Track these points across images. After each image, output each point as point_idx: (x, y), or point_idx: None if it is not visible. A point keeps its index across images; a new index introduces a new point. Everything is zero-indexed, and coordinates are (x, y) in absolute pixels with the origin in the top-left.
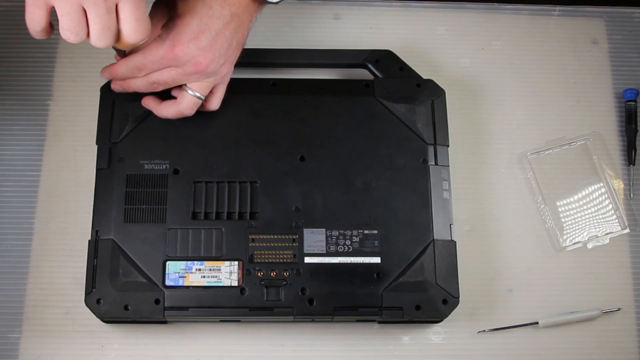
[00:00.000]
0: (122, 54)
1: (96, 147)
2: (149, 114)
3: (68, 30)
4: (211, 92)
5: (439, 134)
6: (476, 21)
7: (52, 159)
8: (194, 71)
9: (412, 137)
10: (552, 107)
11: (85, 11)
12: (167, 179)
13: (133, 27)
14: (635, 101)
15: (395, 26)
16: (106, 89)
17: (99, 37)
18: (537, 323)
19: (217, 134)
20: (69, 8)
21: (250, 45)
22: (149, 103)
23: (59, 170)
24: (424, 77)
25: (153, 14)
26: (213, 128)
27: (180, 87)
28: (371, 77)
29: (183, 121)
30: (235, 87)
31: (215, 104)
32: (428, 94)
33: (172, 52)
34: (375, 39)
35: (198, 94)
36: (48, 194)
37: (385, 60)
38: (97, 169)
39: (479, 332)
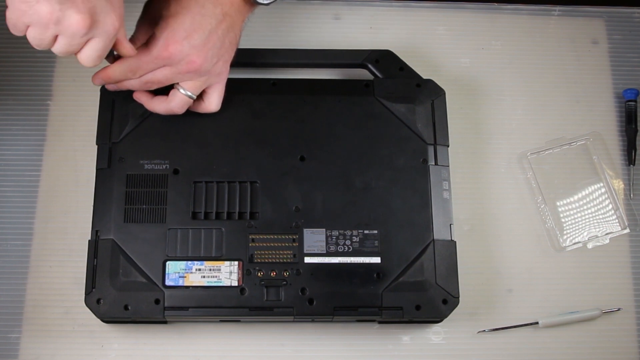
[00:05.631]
0: (111, 53)
1: (96, 147)
2: (149, 114)
3: (35, 45)
4: (210, 92)
5: (439, 134)
6: (476, 21)
7: (52, 159)
8: (187, 70)
9: (412, 137)
10: (552, 107)
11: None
12: (167, 179)
13: (90, 60)
14: (635, 101)
15: (395, 26)
16: (106, 89)
17: (59, 53)
18: (537, 323)
19: (217, 134)
20: (42, 36)
21: (249, 45)
22: (141, 97)
23: (59, 170)
24: (424, 77)
25: (145, 14)
26: (213, 128)
27: (172, 85)
28: (371, 77)
29: (183, 121)
30: (235, 87)
31: (215, 105)
32: (428, 94)
33: (166, 51)
34: (375, 39)
35: (189, 93)
36: (48, 194)
37: (385, 60)
38: (97, 169)
39: (479, 332)
